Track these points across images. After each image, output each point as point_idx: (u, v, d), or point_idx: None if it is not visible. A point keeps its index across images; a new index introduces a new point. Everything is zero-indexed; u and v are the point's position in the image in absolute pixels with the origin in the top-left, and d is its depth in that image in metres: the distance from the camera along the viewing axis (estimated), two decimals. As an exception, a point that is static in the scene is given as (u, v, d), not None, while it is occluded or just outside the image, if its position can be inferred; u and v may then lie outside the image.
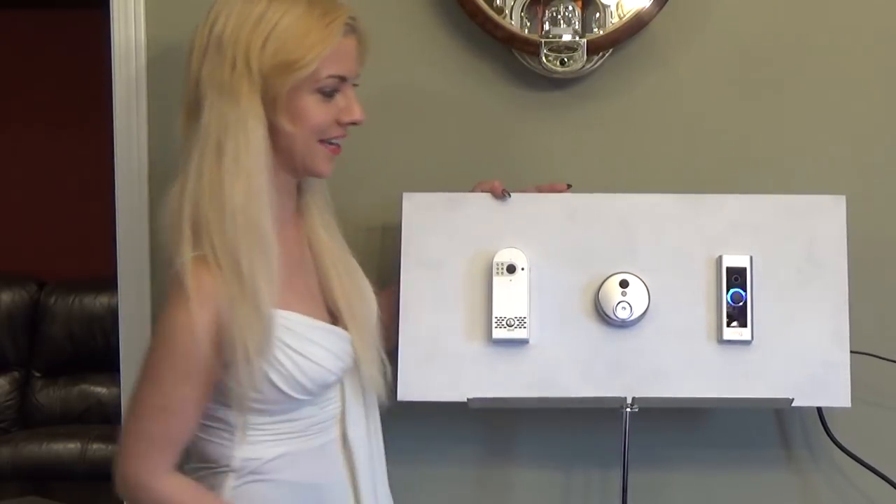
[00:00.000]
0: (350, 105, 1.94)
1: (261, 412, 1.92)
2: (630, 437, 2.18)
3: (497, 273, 2.21)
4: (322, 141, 1.94)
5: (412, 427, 2.41)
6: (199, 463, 1.97)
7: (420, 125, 2.44)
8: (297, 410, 1.95)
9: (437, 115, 2.44)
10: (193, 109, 1.89)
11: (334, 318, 2.02)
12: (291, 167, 1.94)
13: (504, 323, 2.20)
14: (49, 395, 5.27)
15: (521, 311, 2.20)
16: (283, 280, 1.90)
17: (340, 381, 2.01)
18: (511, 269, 2.21)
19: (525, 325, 2.20)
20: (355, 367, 2.02)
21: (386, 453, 2.12)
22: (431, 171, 2.43)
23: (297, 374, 1.91)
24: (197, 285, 1.83)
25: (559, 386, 2.20)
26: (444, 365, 2.21)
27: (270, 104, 1.86)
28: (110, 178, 2.48)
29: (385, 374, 2.06)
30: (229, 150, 1.84)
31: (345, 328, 2.01)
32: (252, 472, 1.94)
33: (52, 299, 5.32)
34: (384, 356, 2.07)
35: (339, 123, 1.95)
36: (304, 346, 1.93)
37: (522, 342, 2.20)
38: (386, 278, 2.39)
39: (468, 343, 2.21)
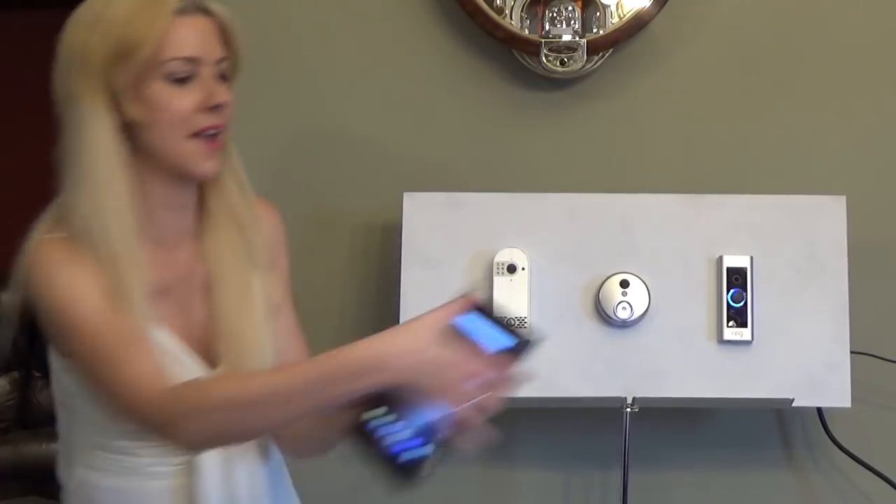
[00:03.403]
0: (209, 88, 1.70)
1: (101, 431, 1.77)
2: (630, 437, 2.18)
3: (497, 273, 2.21)
4: (194, 136, 1.71)
5: (412, 427, 2.41)
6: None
7: (420, 125, 2.44)
8: (134, 441, 1.75)
9: (437, 114, 2.44)
10: (62, 132, 1.74)
11: (212, 354, 1.78)
12: (165, 171, 1.74)
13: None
14: (49, 395, 5.25)
15: (522, 311, 2.20)
16: (159, 300, 1.74)
17: None
18: (511, 269, 2.20)
19: (525, 325, 2.19)
20: None
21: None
22: (431, 171, 2.43)
23: None
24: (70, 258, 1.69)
25: (559, 386, 2.20)
26: (444, 365, 2.20)
27: (117, 101, 1.70)
28: (110, 178, 2.48)
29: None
30: (74, 158, 1.71)
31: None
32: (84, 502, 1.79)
33: (52, 299, 5.31)
34: None
35: (202, 111, 1.70)
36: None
37: (522, 342, 2.20)
38: (386, 278, 2.40)
39: (468, 343, 2.21)
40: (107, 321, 1.67)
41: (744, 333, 2.20)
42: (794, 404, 2.19)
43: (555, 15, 2.35)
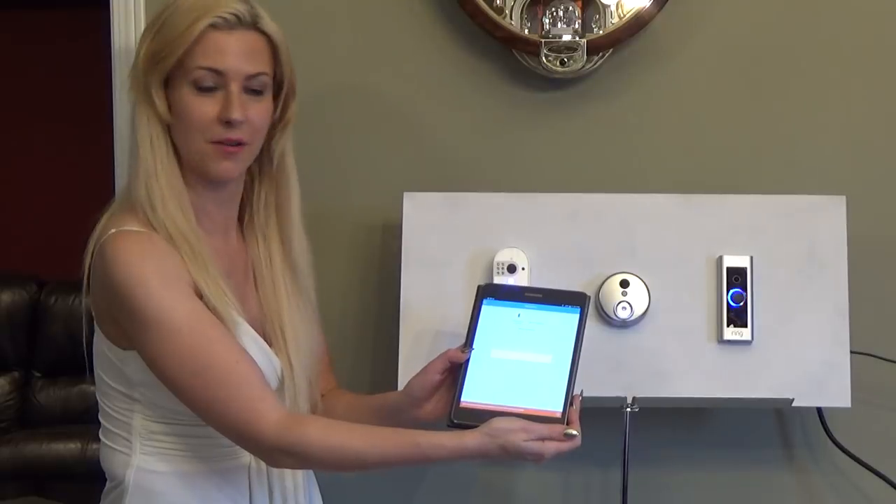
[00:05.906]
0: (227, 102, 1.83)
1: (171, 419, 1.86)
2: (630, 437, 2.18)
3: (497, 273, 2.21)
4: (213, 142, 1.85)
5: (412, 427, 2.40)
6: (107, 478, 1.91)
7: (420, 125, 2.44)
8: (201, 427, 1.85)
9: (437, 115, 2.44)
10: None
11: (266, 333, 1.93)
12: (191, 169, 1.88)
13: (504, 323, 2.19)
14: (49, 395, 5.26)
15: (521, 311, 2.19)
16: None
17: None
18: (511, 269, 2.20)
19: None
20: (280, 393, 1.90)
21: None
22: (431, 171, 2.43)
23: None
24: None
25: (559, 386, 2.19)
26: (444, 365, 2.20)
27: (153, 99, 1.85)
28: (110, 178, 2.48)
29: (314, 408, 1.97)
30: (134, 148, 1.87)
31: (279, 353, 1.92)
32: (146, 491, 1.86)
33: (52, 299, 5.31)
34: (317, 394, 1.98)
35: (219, 122, 1.84)
36: None
37: (522, 342, 2.20)
38: (386, 278, 2.40)
39: (468, 343, 2.21)
40: (205, 331, 1.79)
41: (744, 333, 2.20)
42: (794, 404, 2.19)
43: (555, 15, 2.35)
